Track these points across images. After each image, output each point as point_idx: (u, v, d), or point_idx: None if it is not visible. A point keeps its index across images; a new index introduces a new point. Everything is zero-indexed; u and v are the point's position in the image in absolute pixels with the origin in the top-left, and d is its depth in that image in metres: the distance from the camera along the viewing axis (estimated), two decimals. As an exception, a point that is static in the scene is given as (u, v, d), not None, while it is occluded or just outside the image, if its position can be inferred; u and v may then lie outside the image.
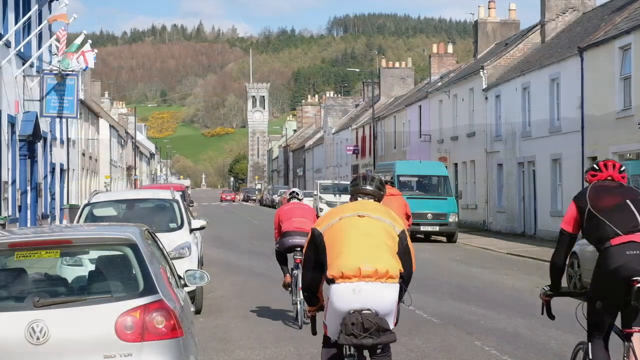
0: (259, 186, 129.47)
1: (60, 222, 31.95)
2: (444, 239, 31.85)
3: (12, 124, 23.27)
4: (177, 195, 15.34)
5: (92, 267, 6.75)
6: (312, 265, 6.23)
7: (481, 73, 38.72)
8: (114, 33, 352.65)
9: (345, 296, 5.82)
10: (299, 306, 12.14)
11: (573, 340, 11.43)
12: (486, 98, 38.09)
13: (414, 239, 31.69)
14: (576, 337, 11.69)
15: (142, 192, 19.04)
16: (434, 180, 33.17)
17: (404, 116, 53.24)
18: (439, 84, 48.87)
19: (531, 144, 33.02)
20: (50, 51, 29.10)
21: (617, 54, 25.61)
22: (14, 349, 5.93)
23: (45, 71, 25.87)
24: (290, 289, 12.69)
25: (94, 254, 6.79)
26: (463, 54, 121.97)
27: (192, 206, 41.20)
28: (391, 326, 5.94)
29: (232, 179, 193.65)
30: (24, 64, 24.35)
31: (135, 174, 79.92)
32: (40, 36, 26.86)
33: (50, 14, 24.33)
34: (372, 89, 65.98)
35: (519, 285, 17.87)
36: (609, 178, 6.36)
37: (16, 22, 23.18)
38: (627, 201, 6.08)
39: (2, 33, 22.04)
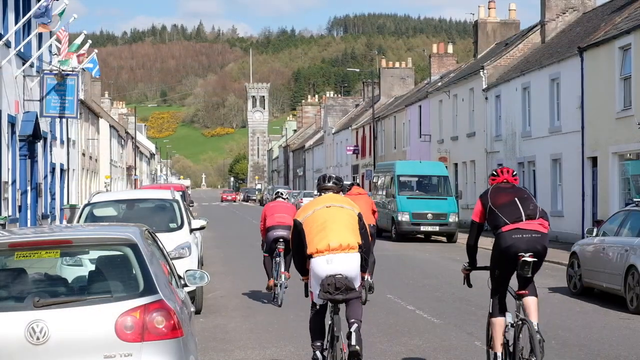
0: (259, 186, 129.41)
1: (60, 222, 31.94)
2: (444, 239, 31.85)
3: (12, 124, 23.27)
4: (177, 195, 15.33)
5: (92, 267, 6.75)
6: (298, 246, 8.29)
7: (481, 73, 38.73)
8: (114, 33, 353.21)
9: (321, 265, 7.96)
10: (279, 289, 14.56)
11: (573, 340, 11.45)
12: (486, 98, 38.10)
13: (414, 239, 31.72)
14: (576, 337, 11.71)
15: (142, 192, 19.03)
16: (434, 180, 33.16)
17: (404, 116, 53.25)
18: (439, 84, 48.87)
19: (531, 144, 33.03)
20: (50, 51, 29.10)
21: (617, 54, 25.61)
22: (14, 349, 5.94)
23: (45, 71, 25.87)
24: (274, 293, 14.86)
25: (94, 254, 6.79)
26: (463, 54, 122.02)
27: (192, 206, 41.21)
28: (357, 286, 8.00)
29: (232, 179, 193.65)
30: (24, 64, 24.35)
31: (135, 174, 79.92)
32: (40, 36, 26.86)
33: (51, 14, 24.30)
34: (372, 89, 65.97)
35: (519, 285, 17.85)
36: (505, 181, 8.37)
37: (16, 22, 23.18)
38: (516, 199, 8.12)
39: (2, 33, 22.04)
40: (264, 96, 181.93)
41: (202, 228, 15.19)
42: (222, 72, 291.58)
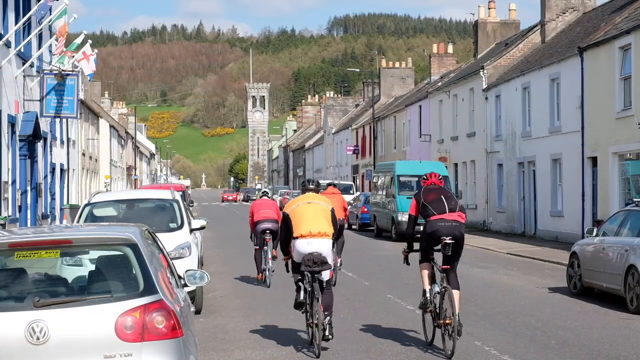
0: (259, 186, 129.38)
1: (60, 222, 31.93)
2: (444, 239, 31.79)
3: (12, 124, 23.26)
4: (177, 195, 15.34)
5: (92, 267, 6.75)
6: (285, 233, 11.05)
7: (481, 73, 38.72)
8: (114, 33, 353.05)
9: (303, 246, 10.70)
10: (267, 272, 17.30)
11: (573, 340, 11.45)
12: (486, 98, 38.09)
13: (414, 239, 31.62)
14: (576, 337, 11.71)
15: (142, 192, 19.03)
16: (434, 180, 33.11)
17: (404, 116, 53.25)
18: (439, 84, 48.86)
19: (531, 144, 33.02)
20: (50, 51, 29.09)
21: (617, 54, 25.60)
22: (14, 349, 5.94)
23: (45, 71, 25.85)
24: (265, 281, 17.42)
25: (94, 254, 6.79)
26: (463, 54, 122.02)
27: (192, 206, 41.20)
28: (330, 262, 10.71)
29: (232, 179, 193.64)
30: (24, 64, 24.34)
31: (135, 174, 79.92)
32: (40, 36, 26.85)
33: (50, 14, 24.30)
34: (372, 89, 65.97)
35: (519, 285, 17.87)
36: (433, 184, 10.99)
37: (16, 22, 23.17)
38: (442, 196, 10.72)
39: (2, 33, 22.03)
40: (264, 96, 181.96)
41: (202, 228, 15.20)
42: (222, 72, 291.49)
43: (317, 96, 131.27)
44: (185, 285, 7.63)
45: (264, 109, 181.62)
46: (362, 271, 20.35)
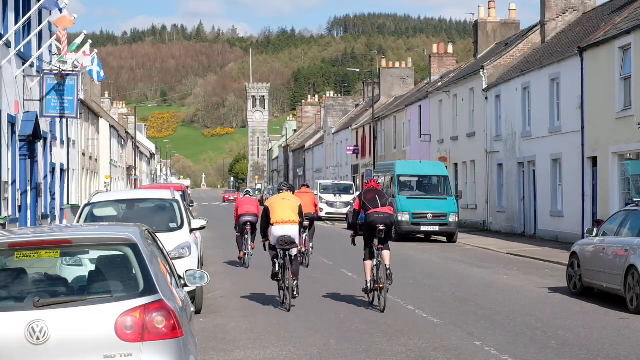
0: (259, 186, 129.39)
1: (60, 222, 31.93)
2: (444, 239, 31.85)
3: (12, 124, 23.26)
4: (177, 195, 15.35)
5: (92, 267, 6.75)
6: (265, 220, 14.60)
7: (481, 73, 38.72)
8: (114, 33, 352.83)
9: (278, 230, 14.34)
10: (247, 257, 21.47)
11: (573, 340, 11.45)
12: (486, 98, 38.09)
13: (415, 239, 31.72)
14: (576, 337, 11.71)
15: (142, 192, 19.03)
16: (434, 180, 33.16)
17: (404, 116, 53.25)
18: (439, 84, 48.86)
19: (531, 144, 33.02)
20: (50, 51, 29.08)
21: (617, 54, 25.60)
22: (14, 349, 5.94)
23: (45, 71, 25.84)
24: (244, 260, 21.54)
25: (94, 254, 6.79)
26: (463, 54, 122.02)
27: (192, 206, 41.20)
28: (297, 242, 14.49)
29: (232, 179, 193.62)
30: (24, 64, 24.33)
31: (135, 174, 79.92)
32: (40, 36, 26.85)
33: (50, 14, 24.30)
34: (372, 89, 65.95)
35: (519, 285, 17.86)
36: (372, 186, 14.63)
37: (16, 22, 23.16)
38: (376, 196, 14.29)
39: (2, 33, 22.03)
40: (264, 96, 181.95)
41: (202, 228, 15.21)
42: (222, 72, 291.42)
43: (317, 96, 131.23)
44: (185, 285, 7.63)
45: (264, 109, 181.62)
46: (362, 271, 20.32)
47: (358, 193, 15.57)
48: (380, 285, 13.82)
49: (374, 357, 10.35)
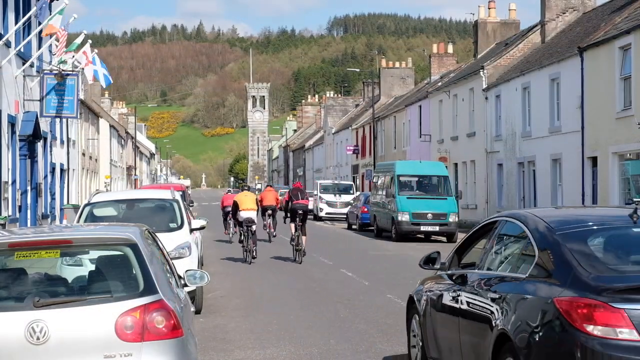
0: (259, 186, 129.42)
1: (60, 222, 31.93)
2: (444, 239, 31.83)
3: (12, 124, 23.26)
4: (177, 195, 15.34)
5: (92, 267, 6.75)
6: (235, 209, 22.86)
7: (481, 73, 38.73)
8: (114, 33, 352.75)
9: (244, 214, 22.38)
10: (230, 236, 30.01)
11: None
12: (486, 98, 38.10)
13: (415, 239, 31.72)
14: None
15: (142, 192, 19.03)
16: (434, 180, 33.15)
17: (404, 116, 53.25)
18: (439, 84, 48.87)
19: (531, 144, 33.03)
20: (50, 51, 29.08)
21: (617, 54, 25.61)
22: (14, 349, 5.94)
23: (45, 71, 25.85)
24: (230, 235, 30.12)
25: (94, 254, 6.78)
26: (463, 54, 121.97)
27: (192, 206, 41.20)
28: (255, 222, 22.39)
29: (232, 179, 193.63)
30: (24, 64, 24.34)
31: (135, 174, 79.91)
32: (40, 36, 26.84)
33: (50, 13, 24.29)
34: (372, 89, 65.94)
35: (519, 285, 17.83)
36: (297, 186, 23.84)
37: (16, 22, 23.17)
38: (298, 193, 22.91)
39: (2, 33, 22.03)
40: (264, 96, 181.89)
41: (202, 228, 15.21)
42: (222, 72, 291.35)
43: (317, 96, 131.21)
44: (185, 285, 7.63)
45: (264, 109, 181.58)
46: (362, 271, 20.36)
47: (288, 190, 26.31)
48: (298, 248, 22.34)
49: (374, 357, 10.35)
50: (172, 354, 6.12)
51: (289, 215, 22.66)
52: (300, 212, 22.22)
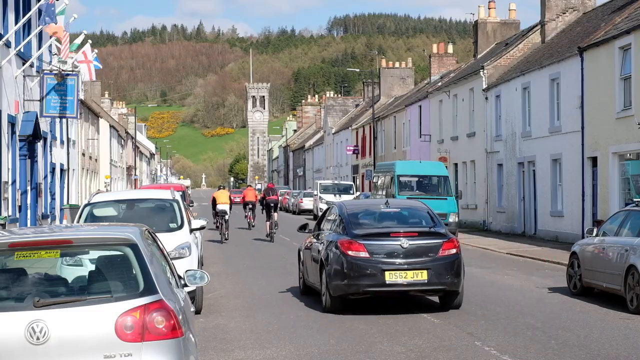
0: (259, 186, 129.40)
1: (60, 222, 31.93)
2: (444, 239, 31.78)
3: (12, 124, 23.26)
4: (177, 195, 15.34)
5: (92, 267, 6.75)
6: (214, 203, 32.20)
7: (481, 73, 38.72)
8: (114, 33, 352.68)
9: (220, 207, 31.33)
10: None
11: (573, 340, 11.45)
12: (486, 98, 38.09)
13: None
14: (576, 337, 11.71)
15: (142, 192, 19.02)
16: (434, 180, 33.15)
17: (404, 116, 53.25)
18: (439, 84, 48.85)
19: (531, 144, 33.02)
20: (50, 51, 29.08)
21: (617, 54, 25.60)
22: (14, 349, 5.94)
23: (45, 71, 25.85)
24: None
25: (94, 254, 6.78)
26: (463, 54, 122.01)
27: (192, 206, 41.21)
28: (229, 213, 31.46)
29: (232, 179, 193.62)
30: (24, 64, 24.34)
31: (135, 174, 79.91)
32: (40, 36, 26.85)
33: (55, 14, 24.25)
34: (372, 89, 65.96)
35: (519, 285, 17.86)
36: (270, 186, 33.57)
37: (16, 22, 23.17)
38: (270, 191, 32.29)
39: (2, 33, 22.03)
40: (264, 96, 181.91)
41: (202, 228, 15.21)
42: (222, 72, 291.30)
43: (317, 96, 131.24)
44: (185, 285, 7.63)
45: (264, 109, 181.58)
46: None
47: (264, 189, 34.80)
48: (272, 231, 30.53)
49: (374, 357, 10.35)
50: (172, 354, 6.13)
51: (263, 207, 31.94)
52: (272, 205, 31.07)
